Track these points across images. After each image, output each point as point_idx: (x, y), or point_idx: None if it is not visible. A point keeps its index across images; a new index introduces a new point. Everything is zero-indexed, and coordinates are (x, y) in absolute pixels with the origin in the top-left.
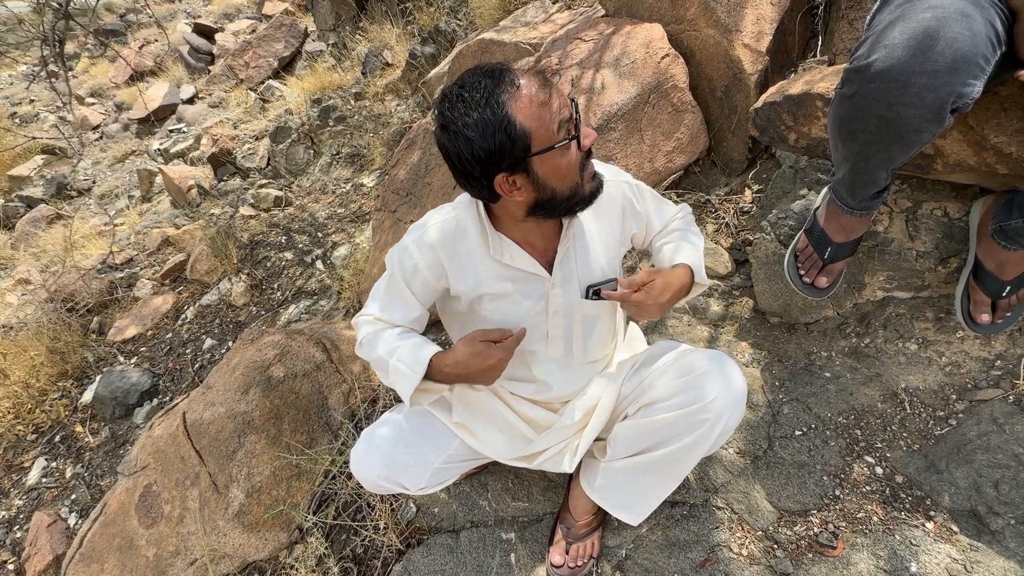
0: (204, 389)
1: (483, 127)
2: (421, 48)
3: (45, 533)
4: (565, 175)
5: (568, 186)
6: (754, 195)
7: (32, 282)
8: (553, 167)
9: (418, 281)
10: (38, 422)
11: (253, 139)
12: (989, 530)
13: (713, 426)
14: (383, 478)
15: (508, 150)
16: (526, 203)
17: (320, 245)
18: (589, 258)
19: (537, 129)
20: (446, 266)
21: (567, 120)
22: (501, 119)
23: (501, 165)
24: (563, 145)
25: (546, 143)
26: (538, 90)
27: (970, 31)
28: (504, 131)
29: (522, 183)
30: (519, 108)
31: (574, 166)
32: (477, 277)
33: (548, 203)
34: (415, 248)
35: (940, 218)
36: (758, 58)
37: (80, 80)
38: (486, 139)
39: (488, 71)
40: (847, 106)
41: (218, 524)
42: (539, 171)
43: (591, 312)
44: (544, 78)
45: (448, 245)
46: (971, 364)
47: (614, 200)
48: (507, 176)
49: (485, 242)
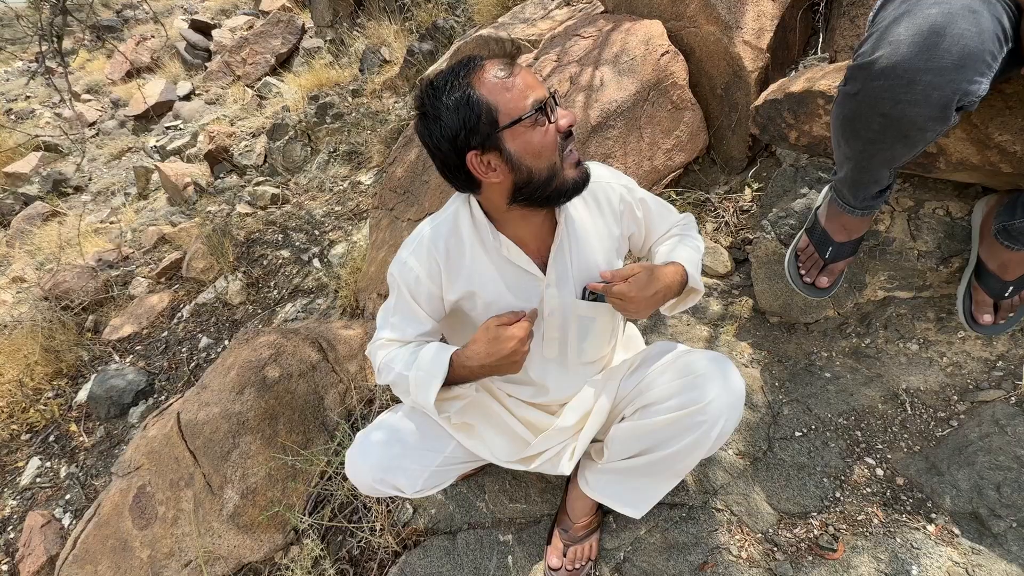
0: (199, 389)
1: (449, 106)
2: (419, 45)
3: (39, 534)
4: (539, 152)
5: (545, 166)
6: (754, 194)
7: (27, 280)
8: (525, 143)
9: (422, 293)
10: (32, 421)
11: (250, 136)
12: (991, 533)
13: (711, 428)
14: (378, 481)
15: (474, 125)
16: (505, 188)
17: (317, 243)
18: (585, 258)
19: (504, 103)
20: (442, 267)
21: (540, 99)
22: (465, 95)
23: (470, 143)
24: (531, 118)
25: (513, 115)
26: (503, 68)
27: (977, 27)
28: (467, 105)
29: (496, 163)
30: (482, 83)
31: (550, 145)
32: (471, 277)
33: (527, 186)
34: (412, 259)
35: (942, 217)
36: (759, 55)
37: (76, 76)
38: (452, 116)
39: (457, 62)
40: (850, 104)
41: (213, 525)
42: (511, 148)
43: (586, 313)
44: (510, 59)
45: (442, 247)
46: (973, 365)
47: (611, 201)
48: (479, 155)
49: (479, 238)
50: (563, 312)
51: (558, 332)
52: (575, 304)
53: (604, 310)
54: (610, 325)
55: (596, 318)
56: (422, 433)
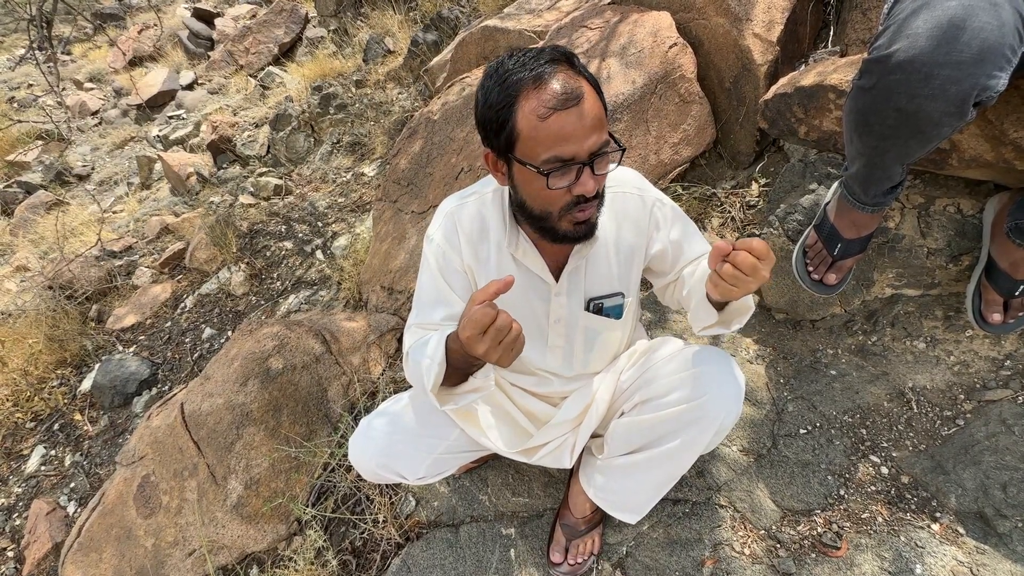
0: (202, 380)
1: (490, 97)
2: (423, 35)
3: (44, 521)
4: (536, 196)
5: (539, 208)
6: (761, 189)
7: (31, 269)
8: (526, 181)
9: (452, 272)
10: (37, 410)
11: (253, 126)
12: (996, 533)
13: (710, 424)
14: (381, 467)
15: (496, 133)
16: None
17: (320, 235)
18: (599, 270)
19: (526, 137)
20: (464, 251)
21: (565, 159)
22: (504, 103)
23: (489, 141)
24: (536, 172)
25: (527, 157)
26: (554, 105)
27: (998, 20)
28: (496, 114)
29: (504, 170)
30: (523, 105)
31: (547, 198)
32: (487, 265)
33: (520, 207)
34: (440, 236)
35: (953, 215)
36: (769, 48)
37: (79, 65)
38: (486, 109)
39: (549, 57)
40: (865, 98)
41: (216, 515)
42: (516, 174)
43: (593, 325)
44: (575, 102)
45: (469, 232)
46: (980, 364)
47: (637, 213)
48: (492, 154)
49: (502, 232)
50: (569, 321)
51: (563, 340)
52: (583, 315)
53: (610, 324)
54: (617, 338)
55: (601, 331)
56: (425, 420)
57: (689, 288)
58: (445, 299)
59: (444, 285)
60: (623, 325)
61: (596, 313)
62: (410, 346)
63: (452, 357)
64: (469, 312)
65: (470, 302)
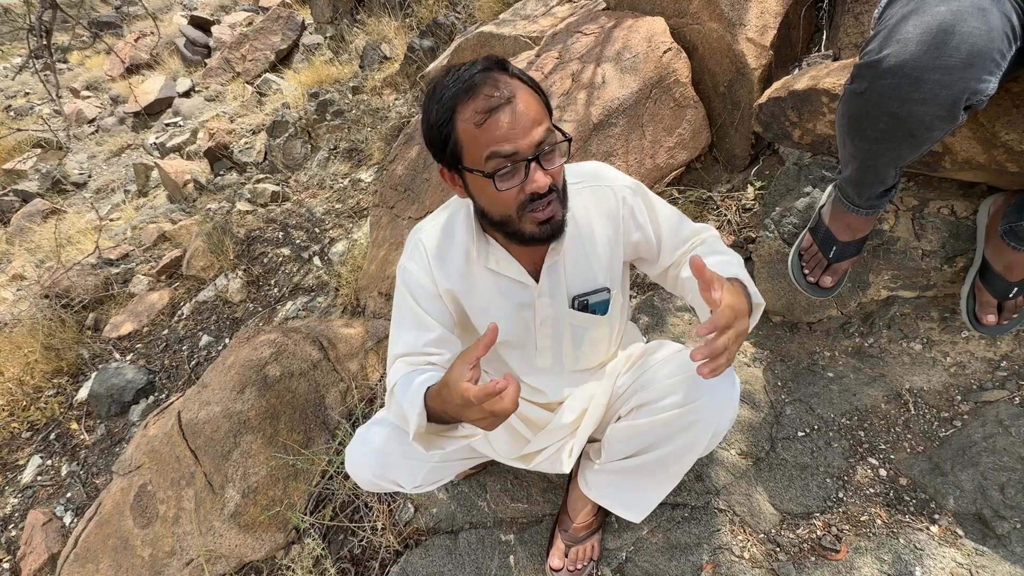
0: (199, 388)
1: (431, 116)
2: (420, 41)
3: (40, 531)
4: (493, 201)
5: (498, 213)
6: (757, 192)
7: (27, 277)
8: (480, 188)
9: (423, 295)
10: (33, 419)
11: (250, 133)
12: (995, 534)
13: (705, 428)
14: (378, 476)
15: (441, 150)
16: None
17: (317, 241)
18: (580, 267)
19: (468, 146)
20: (433, 267)
21: (509, 155)
22: (443, 119)
23: (438, 156)
24: (483, 175)
25: (473, 163)
26: (486, 108)
27: (986, 26)
28: (440, 129)
29: (459, 183)
30: (460, 117)
31: (501, 200)
32: (462, 281)
33: (483, 215)
34: (412, 264)
35: (947, 217)
36: (762, 52)
37: (75, 73)
38: (429, 128)
39: (480, 67)
40: (857, 102)
41: (214, 524)
42: (470, 184)
43: (580, 322)
44: (506, 101)
45: (437, 252)
46: (976, 365)
47: (612, 204)
48: (446, 170)
49: (472, 245)
50: (556, 321)
51: (551, 341)
52: (568, 313)
53: (596, 320)
54: (606, 333)
55: (589, 328)
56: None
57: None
58: (423, 324)
59: (420, 311)
60: (610, 321)
61: (581, 310)
62: (394, 383)
63: (433, 412)
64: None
65: (458, 360)
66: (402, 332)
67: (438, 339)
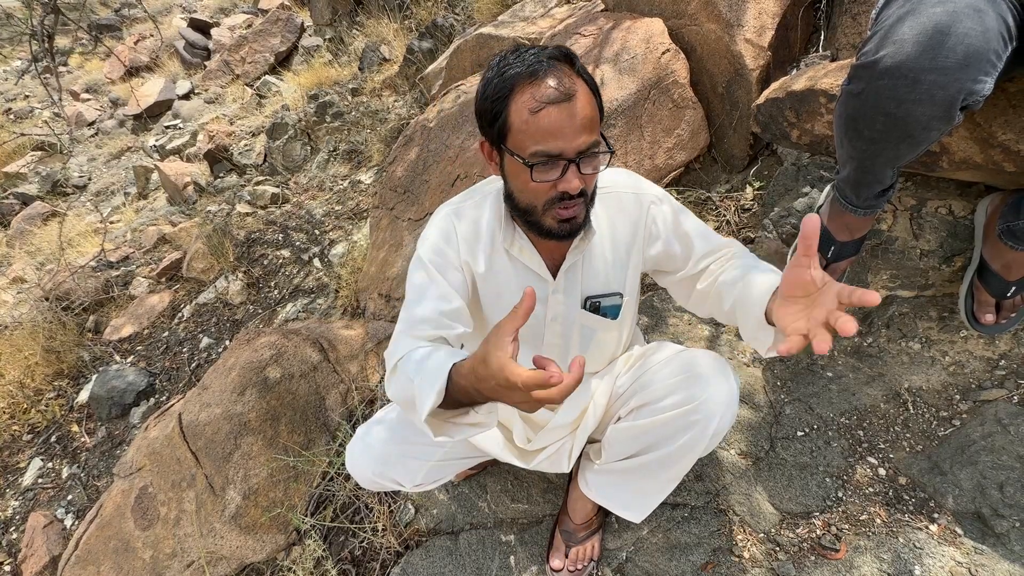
0: (200, 390)
1: (488, 88)
2: (419, 43)
3: (41, 534)
4: (523, 189)
5: (525, 201)
6: (756, 193)
7: (27, 280)
8: (515, 173)
9: (449, 267)
10: (34, 422)
11: (250, 135)
12: (994, 533)
13: (706, 428)
14: (378, 474)
15: (490, 124)
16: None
17: (317, 243)
18: (597, 269)
19: (516, 130)
20: (460, 247)
21: (554, 154)
22: (499, 95)
23: (484, 130)
24: (522, 163)
25: (516, 148)
26: (545, 99)
27: (982, 27)
28: (491, 104)
29: (496, 160)
30: (517, 97)
31: (532, 191)
32: (485, 263)
33: (509, 199)
34: (437, 235)
35: (945, 216)
36: (760, 53)
37: (75, 75)
38: (483, 100)
39: (549, 54)
40: (854, 103)
41: (215, 526)
42: (507, 164)
43: (590, 324)
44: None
45: (465, 228)
46: (975, 364)
47: (633, 214)
48: (487, 143)
49: (499, 229)
50: (566, 320)
51: (559, 339)
52: (580, 313)
53: (606, 323)
54: (615, 337)
55: (597, 331)
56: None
57: (733, 303)
58: (444, 295)
59: (442, 281)
60: (619, 326)
61: (593, 312)
62: (400, 357)
63: (455, 390)
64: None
65: (493, 333)
66: (417, 306)
67: (457, 311)
